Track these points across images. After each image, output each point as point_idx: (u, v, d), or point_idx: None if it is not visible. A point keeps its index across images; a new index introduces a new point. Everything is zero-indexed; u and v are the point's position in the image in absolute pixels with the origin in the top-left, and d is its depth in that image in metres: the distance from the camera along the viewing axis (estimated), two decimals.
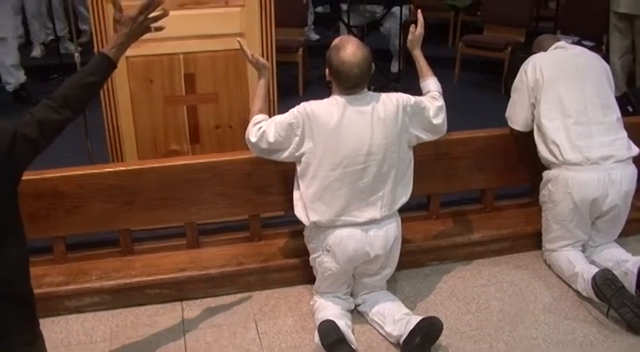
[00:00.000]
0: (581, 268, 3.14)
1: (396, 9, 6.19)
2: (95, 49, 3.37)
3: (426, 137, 2.93)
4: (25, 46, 6.90)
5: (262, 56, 3.32)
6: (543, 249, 3.41)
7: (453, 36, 7.47)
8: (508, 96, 3.52)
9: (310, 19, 7.52)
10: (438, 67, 3.22)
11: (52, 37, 7.41)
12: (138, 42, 3.26)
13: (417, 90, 3.08)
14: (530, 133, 3.34)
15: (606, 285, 2.90)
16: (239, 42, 3.04)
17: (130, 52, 3.25)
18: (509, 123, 3.46)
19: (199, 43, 3.38)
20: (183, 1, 3.35)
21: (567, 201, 3.15)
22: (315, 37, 7.76)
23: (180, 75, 3.42)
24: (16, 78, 5.99)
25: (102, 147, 3.62)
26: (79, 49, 4.64)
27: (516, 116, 3.39)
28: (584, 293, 3.10)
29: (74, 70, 4.59)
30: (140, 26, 2.36)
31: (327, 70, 2.79)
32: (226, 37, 3.32)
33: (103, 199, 3.13)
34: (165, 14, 2.41)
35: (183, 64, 3.41)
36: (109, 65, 2.31)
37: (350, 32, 6.12)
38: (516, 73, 3.45)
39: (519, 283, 3.29)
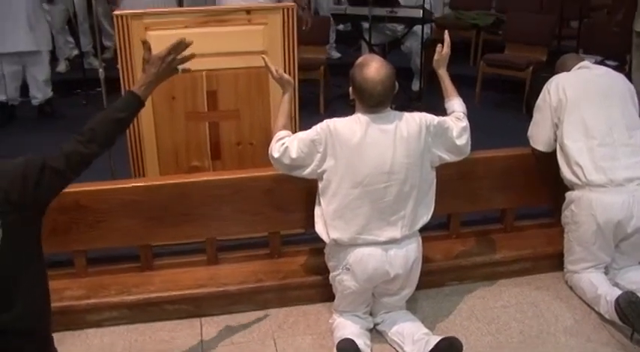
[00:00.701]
0: (604, 290, 3.09)
1: (417, 28, 6.18)
2: (118, 65, 3.41)
3: (448, 158, 2.91)
4: (51, 61, 6.99)
5: None
6: (565, 270, 3.37)
7: (474, 55, 7.45)
8: (529, 115, 3.49)
9: (332, 37, 7.54)
10: (459, 86, 3.20)
11: (76, 53, 7.51)
12: None
13: (438, 109, 3.07)
14: (553, 153, 3.31)
15: (630, 308, 2.85)
16: (263, 58, 3.05)
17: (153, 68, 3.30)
18: (531, 143, 3.43)
19: (222, 61, 3.40)
20: (206, 19, 3.38)
21: (591, 222, 3.11)
22: (336, 55, 7.77)
23: (202, 92, 3.44)
24: (43, 93, 6.06)
25: (124, 162, 3.63)
26: (103, 64, 4.70)
27: (538, 136, 3.37)
28: (607, 316, 3.05)
29: (98, 85, 4.69)
30: (168, 66, 2.45)
31: (350, 88, 2.79)
32: (249, 54, 3.34)
33: (125, 214, 3.14)
34: (192, 56, 2.50)
35: (205, 81, 3.43)
36: (137, 103, 2.38)
37: (371, 50, 6.12)
38: (538, 92, 3.43)
39: (540, 304, 3.25)
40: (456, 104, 3.07)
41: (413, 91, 6.53)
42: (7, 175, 2.06)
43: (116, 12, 3.41)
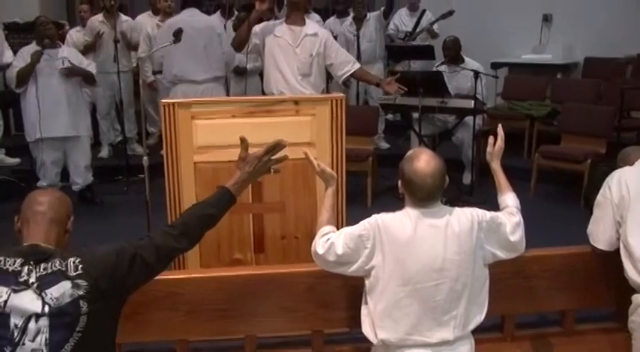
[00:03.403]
0: None
1: (469, 118, 6.26)
2: (163, 151, 3.52)
3: (502, 255, 2.89)
4: (93, 146, 7.24)
5: (332, 166, 3.39)
6: None
7: (528, 146, 7.45)
8: (588, 210, 3.45)
9: (380, 127, 7.65)
10: (513, 179, 3.21)
11: (120, 138, 7.76)
12: (206, 148, 3.45)
13: (490, 204, 3.07)
14: (616, 252, 3.25)
15: None
16: (305, 153, 3.13)
17: (198, 157, 3.41)
18: (591, 241, 3.37)
19: None
20: (253, 109, 3.48)
21: None
22: (385, 145, 7.86)
23: None
24: (84, 179, 6.25)
25: None
26: (147, 151, 4.85)
27: (599, 234, 3.31)
28: None
29: (140, 171, 4.82)
30: (263, 166, 2.64)
31: (399, 182, 2.82)
32: (296, 145, 3.38)
33: (162, 307, 3.15)
34: (285, 158, 2.71)
35: None
36: (229, 199, 2.55)
37: (421, 141, 6.19)
38: (597, 186, 3.40)
39: None
40: (509, 198, 3.07)
41: (464, 185, 6.54)
42: (100, 263, 2.20)
43: (163, 100, 3.56)
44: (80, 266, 2.18)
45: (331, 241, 2.83)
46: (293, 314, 3.23)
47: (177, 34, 5.19)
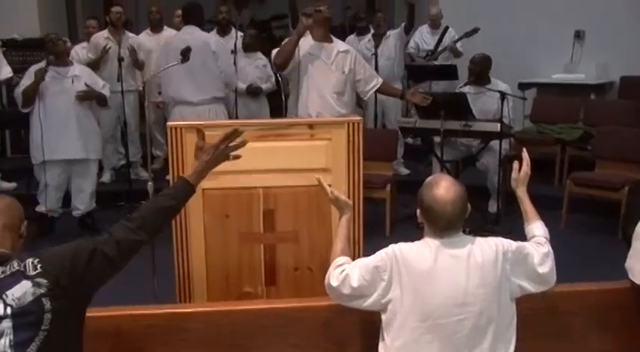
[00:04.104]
0: None
1: (494, 143, 6.25)
2: (169, 176, 3.55)
3: (531, 288, 2.88)
4: None
5: (348, 193, 3.39)
6: None
7: (559, 173, 7.43)
8: (626, 242, 3.43)
9: (400, 152, 7.65)
10: (543, 208, 3.20)
11: (123, 162, 7.79)
12: (215, 174, 3.46)
13: (517, 233, 3.07)
14: None
15: None
16: (318, 179, 3.14)
17: (206, 183, 3.42)
18: (630, 276, 3.34)
19: (280, 178, 3.50)
20: (264, 133, 3.49)
21: None
22: (404, 171, 7.85)
23: (258, 211, 3.53)
24: (87, 205, 6.25)
25: (169, 285, 3.69)
26: (152, 175, 4.87)
27: (639, 269, 3.29)
28: None
29: (144, 197, 4.85)
30: (221, 154, 2.72)
31: (418, 210, 2.83)
32: (310, 171, 3.41)
33: (166, 343, 3.15)
34: (244, 143, 2.77)
35: (262, 199, 3.52)
36: (189, 190, 2.64)
37: (443, 167, 6.19)
38: (636, 215, 3.39)
39: None
40: (536, 228, 3.06)
41: (490, 213, 6.52)
42: (57, 260, 2.32)
43: (170, 123, 3.59)
44: (39, 265, 2.29)
45: (346, 273, 2.83)
46: (306, 351, 3.23)
47: (185, 53, 5.23)
